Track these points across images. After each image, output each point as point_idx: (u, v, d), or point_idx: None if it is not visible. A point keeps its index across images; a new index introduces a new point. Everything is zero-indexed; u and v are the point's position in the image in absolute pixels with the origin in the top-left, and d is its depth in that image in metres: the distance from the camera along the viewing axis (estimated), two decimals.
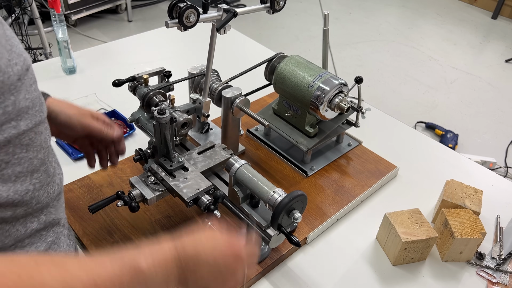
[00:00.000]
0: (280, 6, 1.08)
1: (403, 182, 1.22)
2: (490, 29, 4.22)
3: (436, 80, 3.42)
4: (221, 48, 1.28)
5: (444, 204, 1.05)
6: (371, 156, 1.27)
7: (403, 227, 0.96)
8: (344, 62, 3.55)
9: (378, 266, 0.99)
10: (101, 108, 1.40)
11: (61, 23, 1.50)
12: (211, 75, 1.09)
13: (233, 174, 0.88)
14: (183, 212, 1.06)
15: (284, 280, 0.95)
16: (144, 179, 0.92)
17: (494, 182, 1.24)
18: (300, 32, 3.94)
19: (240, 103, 1.09)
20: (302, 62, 1.17)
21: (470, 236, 0.95)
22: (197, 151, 1.00)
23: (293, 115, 1.20)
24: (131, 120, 1.08)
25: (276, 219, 0.81)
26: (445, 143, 2.67)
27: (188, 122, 0.98)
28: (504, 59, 3.73)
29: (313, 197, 1.13)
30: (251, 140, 1.31)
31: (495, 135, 2.91)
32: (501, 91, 3.34)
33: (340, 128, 1.24)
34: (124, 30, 3.80)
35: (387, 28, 4.11)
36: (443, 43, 3.92)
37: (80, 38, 3.60)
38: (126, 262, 0.53)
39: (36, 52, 2.97)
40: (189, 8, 0.90)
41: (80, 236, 0.99)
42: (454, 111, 3.10)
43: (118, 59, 1.68)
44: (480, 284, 0.97)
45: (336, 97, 1.10)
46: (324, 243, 1.04)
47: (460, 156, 1.33)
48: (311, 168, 1.20)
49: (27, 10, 2.82)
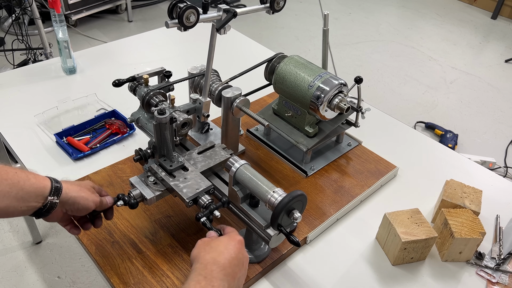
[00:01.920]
0: (280, 6, 1.09)
1: (402, 182, 1.23)
2: (490, 29, 4.22)
3: (436, 80, 3.42)
4: (221, 48, 1.28)
5: (444, 204, 1.06)
6: (371, 156, 1.27)
7: (402, 227, 0.96)
8: (344, 62, 3.55)
9: (377, 266, 0.99)
10: (101, 108, 1.40)
11: (61, 23, 1.50)
12: (211, 75, 1.09)
13: (233, 174, 0.88)
14: (183, 212, 1.06)
15: (284, 280, 0.95)
16: (144, 179, 0.92)
17: (493, 182, 1.24)
18: (300, 32, 3.95)
19: (240, 103, 1.09)
20: (302, 62, 1.17)
21: (469, 236, 0.96)
22: (197, 151, 1.00)
23: (293, 115, 1.20)
24: (131, 120, 1.08)
25: (276, 219, 0.81)
26: (445, 143, 2.67)
27: (188, 122, 0.98)
28: (503, 59, 3.73)
29: (313, 197, 1.13)
30: (251, 140, 1.31)
31: (494, 135, 2.91)
32: (500, 91, 3.35)
33: (340, 128, 1.24)
34: (124, 30, 3.80)
35: (387, 28, 4.12)
36: (442, 43, 3.92)
37: (80, 38, 3.60)
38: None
39: (36, 52, 2.97)
40: (189, 8, 0.90)
41: (80, 236, 0.99)
42: (454, 111, 3.10)
43: (118, 59, 1.68)
44: (480, 284, 0.98)
45: (336, 97, 1.10)
46: (324, 243, 1.04)
47: (460, 156, 1.33)
48: (311, 168, 1.20)
49: (27, 10, 2.82)
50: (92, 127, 1.32)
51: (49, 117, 1.34)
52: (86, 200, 0.82)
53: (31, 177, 0.75)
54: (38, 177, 0.77)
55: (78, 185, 0.84)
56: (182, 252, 0.97)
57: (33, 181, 0.75)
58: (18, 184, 0.73)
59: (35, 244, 2.02)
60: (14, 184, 0.72)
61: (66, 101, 1.39)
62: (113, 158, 1.21)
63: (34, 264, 1.94)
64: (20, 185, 0.73)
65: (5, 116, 1.35)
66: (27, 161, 1.20)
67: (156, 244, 0.98)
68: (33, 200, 0.75)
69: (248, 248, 0.96)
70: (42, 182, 0.76)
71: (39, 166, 1.18)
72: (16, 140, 1.26)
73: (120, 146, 1.27)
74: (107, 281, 0.92)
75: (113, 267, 0.93)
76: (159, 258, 0.95)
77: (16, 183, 0.73)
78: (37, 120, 1.33)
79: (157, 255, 0.96)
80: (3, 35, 3.05)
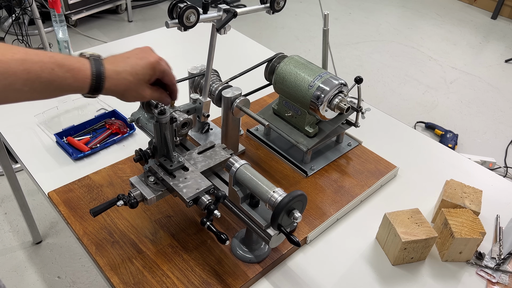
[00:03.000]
0: (280, 7, 1.09)
1: (402, 182, 1.23)
2: (490, 29, 4.22)
3: (436, 80, 3.43)
4: (221, 48, 1.28)
5: (444, 204, 1.06)
6: (371, 156, 1.27)
7: (402, 227, 0.96)
8: (344, 62, 3.55)
9: (378, 266, 0.99)
10: (101, 108, 1.40)
11: (62, 23, 1.50)
12: (211, 75, 1.09)
13: (233, 174, 0.88)
14: (183, 212, 1.06)
15: (284, 280, 0.95)
16: (144, 179, 0.92)
17: (493, 182, 1.24)
18: (300, 32, 3.95)
19: (240, 103, 1.09)
20: (302, 62, 1.17)
21: (469, 236, 0.96)
22: (197, 151, 1.00)
23: (293, 115, 1.20)
24: (131, 120, 1.08)
25: (276, 219, 0.81)
26: (445, 143, 2.67)
27: (188, 122, 0.98)
28: (503, 59, 3.73)
29: (313, 197, 1.13)
30: (251, 140, 1.31)
31: (494, 135, 2.91)
32: (500, 91, 3.35)
33: (340, 128, 1.24)
34: (124, 30, 3.80)
35: (387, 28, 4.12)
36: (442, 43, 3.92)
37: (80, 38, 3.60)
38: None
39: None
40: (189, 8, 0.90)
41: (80, 236, 0.99)
42: (454, 111, 3.10)
43: None
44: (480, 284, 0.98)
45: (336, 97, 1.10)
46: (324, 243, 1.04)
47: (460, 156, 1.33)
48: (311, 168, 1.20)
49: (28, 10, 2.82)
50: (92, 127, 1.32)
51: (49, 117, 1.34)
52: (123, 92, 0.78)
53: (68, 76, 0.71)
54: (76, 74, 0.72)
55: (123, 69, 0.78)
56: (182, 252, 0.97)
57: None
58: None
59: (35, 244, 2.02)
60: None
61: (66, 101, 1.39)
62: (113, 158, 1.21)
63: (34, 264, 1.94)
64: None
65: (5, 116, 1.35)
66: (27, 161, 1.20)
67: (156, 244, 0.98)
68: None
69: (248, 248, 0.97)
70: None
71: (39, 166, 1.19)
72: (16, 140, 1.26)
73: (120, 146, 1.27)
74: (107, 281, 0.92)
75: (113, 267, 0.93)
76: (159, 258, 0.96)
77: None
78: (37, 120, 1.33)
79: (157, 255, 0.96)
80: (3, 35, 3.06)
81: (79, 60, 0.72)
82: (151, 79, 0.81)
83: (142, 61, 0.78)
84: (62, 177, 1.14)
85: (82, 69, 0.71)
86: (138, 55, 0.79)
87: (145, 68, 0.78)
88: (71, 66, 0.70)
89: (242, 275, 0.93)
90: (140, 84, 0.79)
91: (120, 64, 0.76)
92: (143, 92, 0.80)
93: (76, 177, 1.14)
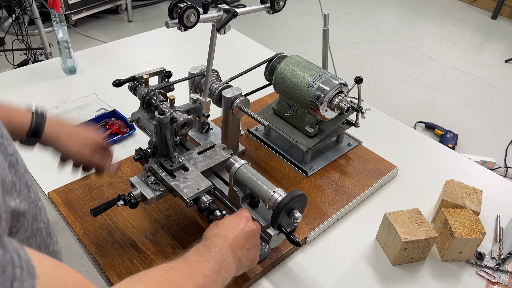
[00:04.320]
0: (280, 6, 1.08)
1: (403, 182, 1.23)
2: (490, 29, 4.22)
3: (436, 80, 3.43)
4: (221, 48, 1.28)
5: (444, 204, 1.06)
6: (371, 156, 1.27)
7: (403, 227, 0.96)
8: (344, 62, 3.55)
9: (378, 266, 0.99)
10: (101, 108, 1.40)
11: (62, 23, 1.50)
12: (211, 75, 1.09)
13: (233, 174, 0.88)
14: (183, 212, 1.06)
15: (284, 280, 0.95)
16: (145, 179, 0.92)
17: (493, 182, 1.24)
18: (300, 32, 3.95)
19: (240, 103, 1.09)
20: (302, 62, 1.17)
21: (469, 236, 0.96)
22: (197, 151, 1.00)
23: (293, 115, 1.20)
24: (131, 120, 1.08)
25: (276, 219, 0.81)
26: (445, 143, 2.67)
27: (188, 122, 0.98)
28: (503, 59, 3.73)
29: (313, 197, 1.13)
30: (251, 140, 1.31)
31: (494, 135, 2.91)
32: (500, 91, 3.35)
33: (340, 128, 1.24)
34: (124, 30, 3.80)
35: (387, 28, 4.12)
36: (442, 43, 3.92)
37: (80, 38, 3.60)
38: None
39: (36, 52, 2.97)
40: (189, 8, 0.90)
41: (80, 236, 0.99)
42: (454, 111, 3.10)
43: (118, 59, 1.68)
44: (480, 284, 0.98)
45: (336, 97, 1.10)
46: (324, 243, 1.04)
47: (460, 156, 1.33)
48: (311, 168, 1.20)
49: (28, 10, 2.82)
50: (92, 127, 1.32)
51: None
52: (67, 151, 0.88)
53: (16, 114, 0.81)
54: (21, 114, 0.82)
55: (70, 133, 0.89)
56: (182, 252, 0.97)
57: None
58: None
59: None
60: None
61: (66, 101, 1.39)
62: (113, 158, 1.21)
63: None
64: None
65: None
66: (27, 161, 1.19)
67: (156, 244, 0.98)
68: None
69: None
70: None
71: (39, 166, 1.18)
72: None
73: (120, 146, 1.27)
74: (107, 281, 0.92)
75: (113, 267, 0.93)
76: (159, 258, 0.95)
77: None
78: None
79: (157, 255, 0.96)
80: (3, 35, 3.05)
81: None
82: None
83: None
84: (62, 177, 1.14)
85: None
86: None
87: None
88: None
89: (242, 275, 0.93)
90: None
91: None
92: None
93: (76, 177, 1.14)
